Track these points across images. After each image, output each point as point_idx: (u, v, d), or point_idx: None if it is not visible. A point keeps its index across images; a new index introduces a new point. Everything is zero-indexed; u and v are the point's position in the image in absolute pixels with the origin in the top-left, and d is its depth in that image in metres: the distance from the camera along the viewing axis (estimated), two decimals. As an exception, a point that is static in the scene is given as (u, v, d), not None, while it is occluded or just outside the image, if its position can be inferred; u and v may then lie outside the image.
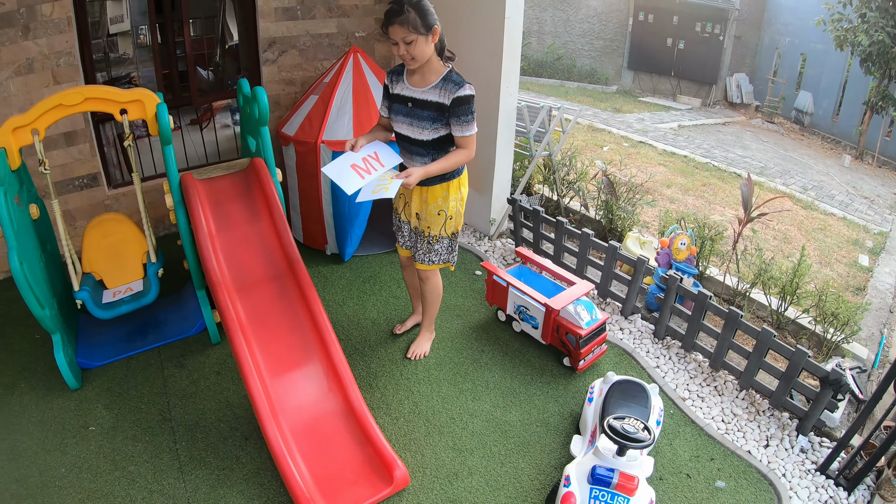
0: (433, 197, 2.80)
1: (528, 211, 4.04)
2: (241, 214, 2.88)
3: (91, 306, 3.16)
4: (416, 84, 2.66)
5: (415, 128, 2.67)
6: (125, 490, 2.57)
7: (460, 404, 2.91)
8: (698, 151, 8.81)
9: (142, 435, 2.85)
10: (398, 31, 2.47)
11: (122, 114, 2.96)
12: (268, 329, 2.62)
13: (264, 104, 3.00)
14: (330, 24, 4.80)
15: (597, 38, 14.54)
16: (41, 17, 4.08)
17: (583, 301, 3.12)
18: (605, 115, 10.72)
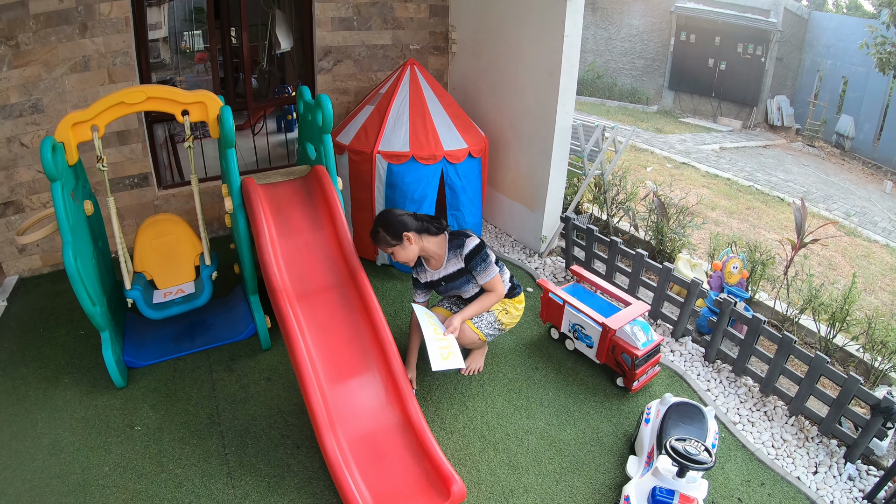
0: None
1: (581, 229, 3.99)
2: (302, 221, 2.86)
3: (142, 306, 3.15)
4: (435, 268, 2.95)
5: (461, 291, 2.97)
6: (171, 493, 2.54)
7: (515, 421, 2.86)
8: (741, 174, 8.72)
9: (189, 438, 2.82)
10: (381, 247, 2.85)
11: (183, 115, 2.95)
12: (328, 338, 2.59)
13: (329, 112, 2.98)
14: (385, 35, 4.83)
15: (638, 58, 14.49)
16: (99, 16, 4.14)
17: (639, 322, 3.07)
18: (647, 135, 10.66)
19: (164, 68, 6.38)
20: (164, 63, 6.35)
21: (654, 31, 14.15)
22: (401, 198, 3.81)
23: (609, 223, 4.70)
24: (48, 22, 4.07)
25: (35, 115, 4.22)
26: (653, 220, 4.46)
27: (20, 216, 4.35)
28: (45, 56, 4.13)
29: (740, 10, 12.89)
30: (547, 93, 3.98)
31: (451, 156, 3.85)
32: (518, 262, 4.30)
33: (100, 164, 2.97)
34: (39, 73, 4.17)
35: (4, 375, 3.40)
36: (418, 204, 3.83)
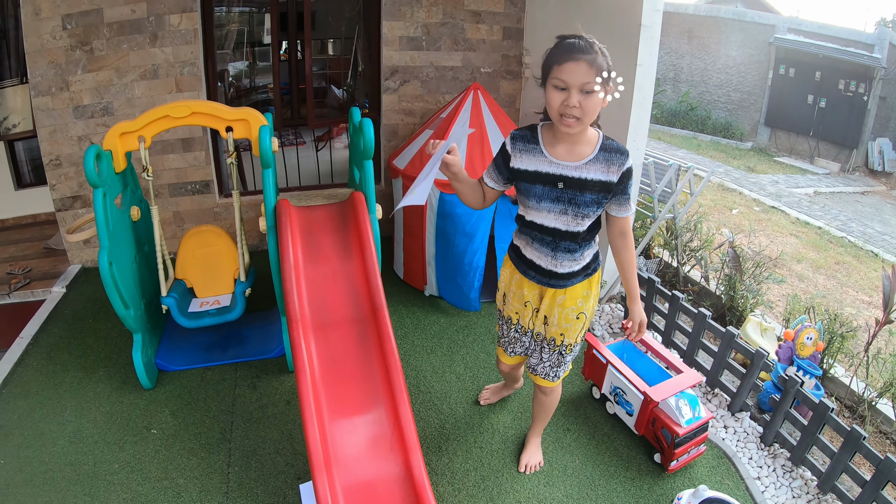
0: (572, 298, 2.24)
1: (642, 278, 3.69)
2: (332, 249, 2.73)
3: (175, 313, 3.14)
4: (563, 157, 2.02)
5: (570, 216, 2.05)
6: (169, 502, 2.52)
7: (530, 487, 2.61)
8: (834, 223, 8.07)
9: (198, 450, 2.80)
10: (583, 72, 1.84)
11: (227, 131, 2.93)
12: (339, 374, 2.44)
13: (370, 137, 2.85)
14: (455, 57, 4.68)
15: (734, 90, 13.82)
16: (169, 27, 4.23)
17: (687, 395, 2.73)
18: (737, 174, 10.09)
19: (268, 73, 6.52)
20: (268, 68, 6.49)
21: (752, 63, 13.44)
22: (452, 229, 3.63)
23: (679, 272, 4.37)
24: (121, 30, 4.20)
25: (105, 117, 4.35)
26: (726, 272, 4.11)
27: (86, 210, 4.50)
28: (117, 62, 4.25)
29: (843, 43, 12.04)
30: (617, 125, 3.72)
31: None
32: None
33: (145, 174, 3.00)
34: (111, 78, 4.30)
35: (48, 359, 3.55)
36: (470, 238, 3.63)
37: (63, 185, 4.45)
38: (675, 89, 14.30)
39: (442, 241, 3.68)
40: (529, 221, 2.14)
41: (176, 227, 3.92)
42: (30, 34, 4.19)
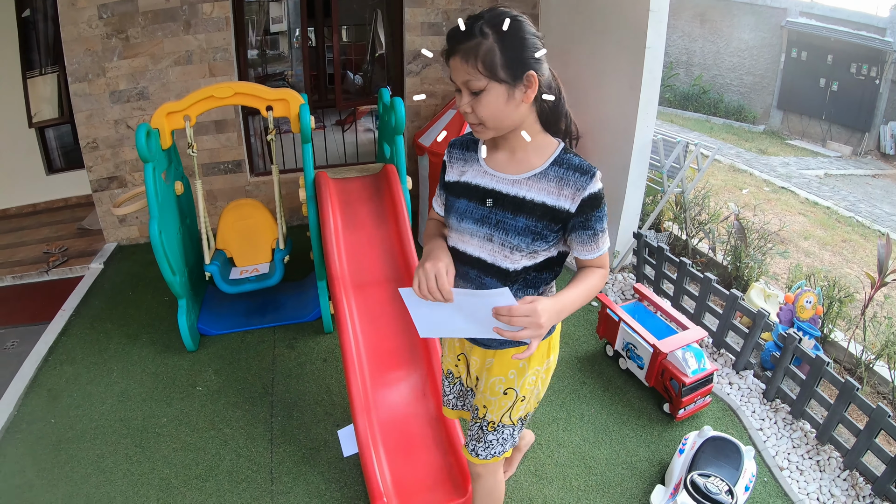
0: (500, 366, 1.75)
1: (652, 247, 3.97)
2: (368, 216, 3.04)
3: (218, 280, 3.46)
4: (501, 167, 1.57)
5: (496, 245, 1.55)
6: (216, 449, 2.83)
7: (551, 432, 2.92)
8: (843, 204, 8.27)
9: (242, 403, 3.11)
10: (458, 66, 1.41)
11: (267, 110, 3.23)
12: (377, 327, 2.75)
13: (401, 114, 3.15)
14: (474, 41, 4.96)
15: (747, 74, 13.96)
16: (202, 15, 4.53)
17: (693, 348, 3.02)
18: (748, 156, 10.30)
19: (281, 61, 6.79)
20: (281, 56, 6.76)
21: (765, 46, 13.56)
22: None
23: (688, 244, 4.65)
24: (155, 18, 4.51)
25: (141, 101, 4.66)
26: (732, 244, 4.38)
27: (122, 190, 4.82)
28: (152, 49, 4.56)
29: (855, 27, 12.15)
30: (627, 105, 3.98)
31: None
32: None
33: (190, 150, 3.31)
34: (146, 65, 4.61)
35: (91, 328, 3.88)
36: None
37: (100, 167, 4.77)
38: (688, 73, 14.41)
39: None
40: (452, 248, 1.64)
41: (209, 204, 4.26)
42: (66, 23, 4.48)
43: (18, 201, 6.98)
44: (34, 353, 3.83)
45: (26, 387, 3.47)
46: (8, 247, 5.80)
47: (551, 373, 1.83)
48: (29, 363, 3.71)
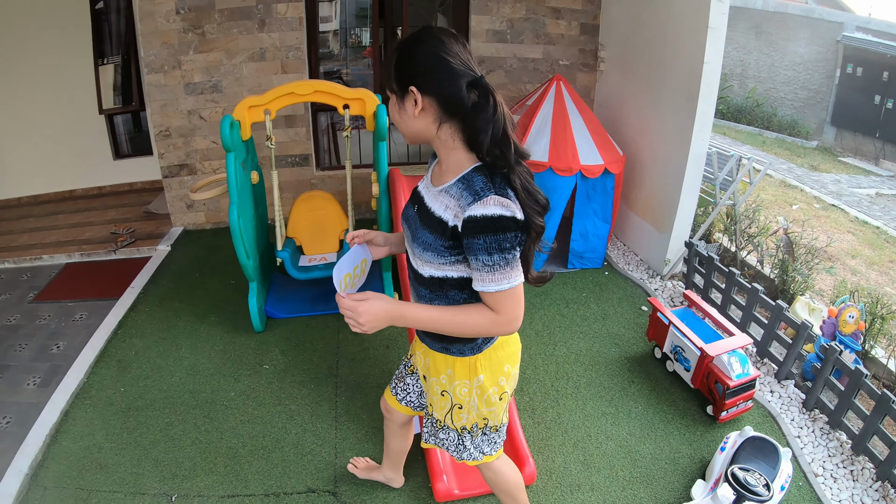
0: (435, 368, 1.88)
1: (702, 257, 4.12)
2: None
3: (289, 265, 3.72)
4: (434, 179, 1.68)
5: (410, 248, 1.73)
6: (283, 423, 3.07)
7: (600, 425, 3.10)
8: (892, 224, 8.25)
9: (308, 382, 3.35)
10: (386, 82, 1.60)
11: (344, 108, 3.47)
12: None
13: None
14: (536, 49, 5.17)
15: (801, 88, 13.88)
16: (276, 15, 4.81)
17: (738, 353, 3.18)
18: (799, 172, 10.30)
19: (333, 59, 7.05)
20: (333, 54, 7.02)
21: (820, 60, 13.45)
22: (534, 204, 4.17)
23: (737, 256, 4.79)
24: (231, 16, 4.80)
25: (214, 94, 4.95)
26: (780, 257, 4.52)
27: (192, 177, 5.14)
28: (227, 45, 4.86)
29: (911, 43, 12.06)
30: (684, 117, 4.12)
31: (587, 170, 4.15)
32: (639, 281, 4.48)
33: (268, 143, 3.56)
34: (221, 59, 4.90)
35: (159, 306, 4.17)
36: (549, 212, 4.13)
37: (171, 154, 5.09)
38: (742, 85, 14.34)
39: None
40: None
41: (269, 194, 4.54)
42: (144, 17, 4.80)
43: (85, 184, 7.39)
44: (104, 325, 4.13)
45: (96, 356, 3.76)
46: (76, 226, 6.18)
47: (490, 396, 1.82)
48: (99, 335, 4.01)
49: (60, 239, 5.88)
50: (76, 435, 3.12)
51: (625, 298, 4.19)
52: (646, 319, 3.99)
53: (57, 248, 5.67)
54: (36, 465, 2.95)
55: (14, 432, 3.28)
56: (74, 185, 7.42)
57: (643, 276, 4.58)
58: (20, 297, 4.97)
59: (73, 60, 6.82)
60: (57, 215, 6.78)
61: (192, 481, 2.79)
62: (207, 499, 2.69)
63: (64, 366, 3.79)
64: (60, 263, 5.50)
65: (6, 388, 3.72)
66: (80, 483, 2.82)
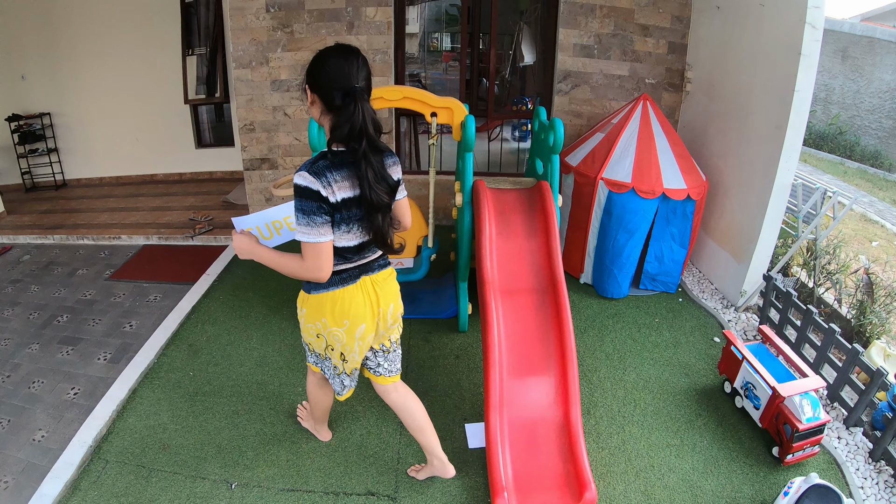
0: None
1: (780, 291, 4.06)
2: (520, 227, 3.32)
3: (365, 270, 3.83)
4: None
5: None
6: (348, 423, 3.17)
7: (663, 457, 3.09)
8: (979, 271, 7.96)
9: (376, 385, 3.44)
10: None
11: (432, 116, 3.53)
12: (519, 332, 3.02)
13: (560, 135, 3.39)
14: (623, 66, 5.15)
15: (886, 117, 13.37)
16: (365, 18, 4.93)
17: (810, 396, 3.12)
18: (881, 206, 9.93)
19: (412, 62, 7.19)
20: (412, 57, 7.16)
21: (907, 89, 13.01)
22: (615, 225, 4.19)
23: (814, 292, 4.70)
24: (320, 17, 4.94)
25: (300, 92, 5.11)
26: (858, 297, 4.42)
27: (272, 171, 5.31)
28: (315, 45, 5.01)
29: None
30: (771, 145, 4.06)
31: (670, 193, 4.14)
32: (713, 311, 4.43)
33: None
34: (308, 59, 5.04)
35: (234, 295, 4.35)
36: (630, 234, 4.18)
37: (254, 148, 5.27)
38: (826, 110, 13.92)
39: (604, 235, 4.26)
40: None
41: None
42: (234, 13, 4.99)
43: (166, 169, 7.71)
44: (178, 309, 4.33)
45: (168, 339, 3.97)
46: (156, 209, 6.46)
47: (306, 327, 2.41)
48: (172, 317, 4.22)
49: (140, 221, 6.16)
50: (142, 413, 3.30)
51: (697, 327, 4.16)
52: (717, 351, 3.95)
53: (136, 229, 5.94)
54: (100, 437, 3.13)
55: (80, 403, 3.50)
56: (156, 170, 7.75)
57: (717, 306, 4.52)
58: (97, 274, 5.24)
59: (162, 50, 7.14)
60: (138, 198, 7.10)
61: (253, 471, 2.90)
62: (267, 490, 2.79)
63: (135, 344, 4.02)
64: (138, 245, 5.76)
65: (77, 360, 3.95)
66: (141, 460, 2.97)
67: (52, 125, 8.09)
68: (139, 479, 2.85)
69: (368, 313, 2.34)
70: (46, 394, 3.63)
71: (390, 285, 2.47)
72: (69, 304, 4.75)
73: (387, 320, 2.47)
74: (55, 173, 8.14)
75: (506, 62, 6.90)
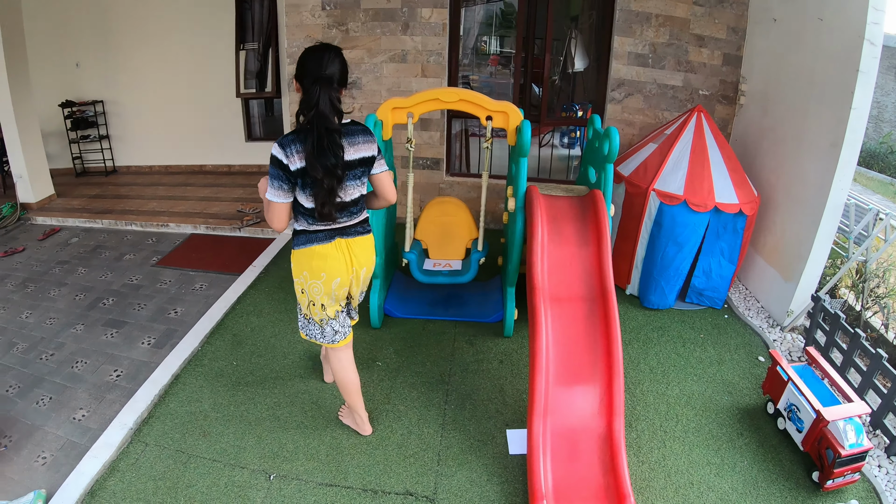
0: None
1: (828, 313, 4.00)
2: (572, 235, 3.32)
3: (414, 268, 3.87)
4: None
5: None
6: (389, 422, 3.20)
7: (703, 475, 3.07)
8: None
9: (419, 385, 3.48)
10: None
11: (487, 119, 3.56)
12: (566, 340, 3.02)
13: (615, 144, 3.39)
14: (677, 76, 5.12)
15: (939, 138, 13.10)
16: (420, 19, 4.97)
17: (854, 421, 3.07)
18: (931, 229, 9.72)
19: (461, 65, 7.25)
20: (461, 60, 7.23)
21: (962, 109, 12.68)
22: (665, 237, 4.18)
23: (861, 315, 4.64)
24: (375, 16, 5.01)
25: (353, 90, 5.18)
26: (907, 324, 4.36)
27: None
28: (369, 44, 5.08)
29: None
30: (825, 163, 3.99)
31: (722, 207, 4.11)
32: (758, 329, 4.37)
33: (408, 145, 3.71)
34: (362, 57, 5.12)
35: (279, 288, 4.44)
36: (680, 247, 4.16)
37: (304, 144, 5.36)
38: (877, 128, 13.63)
39: (653, 247, 4.24)
40: None
41: (402, 195, 4.68)
42: (290, 10, 5.08)
43: (216, 161, 7.88)
44: (223, 298, 4.43)
45: (213, 328, 4.06)
46: (204, 199, 6.60)
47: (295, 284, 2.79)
48: (218, 307, 4.31)
49: (188, 210, 6.30)
50: (184, 399, 3.38)
51: (742, 345, 4.12)
52: (761, 370, 3.92)
53: (184, 218, 6.09)
54: (141, 420, 3.22)
55: (123, 386, 3.61)
56: (205, 160, 7.92)
57: (763, 325, 4.46)
58: (144, 260, 5.39)
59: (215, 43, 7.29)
60: (186, 187, 7.26)
61: (293, 464, 2.95)
62: (305, 483, 2.84)
63: (179, 331, 4.13)
64: (186, 233, 5.90)
65: (121, 342, 4.08)
66: (181, 445, 3.05)
67: (104, 112, 8.31)
68: (177, 464, 2.93)
69: (343, 269, 2.69)
70: (89, 374, 3.75)
71: (366, 251, 2.80)
72: (115, 288, 4.91)
73: (360, 281, 2.84)
74: (105, 160, 8.35)
75: (556, 68, 6.91)
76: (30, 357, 3.98)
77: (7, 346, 4.15)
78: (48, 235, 6.17)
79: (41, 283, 5.10)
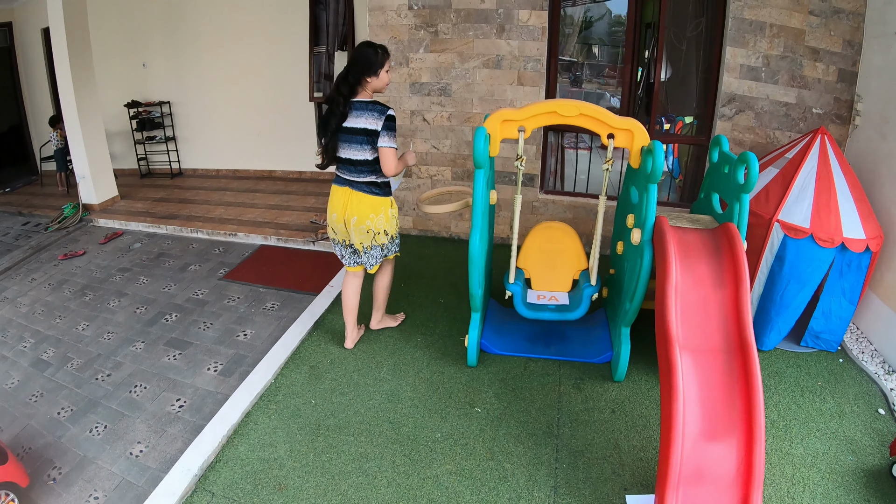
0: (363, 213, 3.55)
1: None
2: (706, 275, 2.94)
3: (518, 301, 3.53)
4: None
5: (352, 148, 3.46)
6: (495, 483, 2.82)
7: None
8: None
9: (525, 438, 3.10)
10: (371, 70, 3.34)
11: (609, 138, 3.20)
12: (703, 400, 2.65)
13: (755, 172, 2.98)
14: (790, 93, 4.67)
15: None
16: (517, 22, 4.65)
17: None
18: None
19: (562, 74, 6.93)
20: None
21: None
22: (788, 273, 3.76)
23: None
24: (468, 18, 4.71)
25: (441, 97, 4.90)
26: None
27: (404, 180, 5.13)
28: (461, 47, 4.78)
29: None
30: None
31: (849, 243, 3.69)
32: (874, 376, 3.93)
33: (518, 163, 3.35)
34: (452, 62, 4.83)
35: (361, 313, 4.05)
36: (802, 285, 3.75)
37: (383, 153, 5.13)
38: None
39: (772, 283, 3.81)
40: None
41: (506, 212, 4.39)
42: (374, 10, 4.84)
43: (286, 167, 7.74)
44: (299, 322, 4.14)
45: (288, 357, 3.74)
46: (274, 208, 6.42)
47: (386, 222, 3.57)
48: (293, 332, 4.01)
49: (257, 219, 6.13)
50: (255, 442, 3.07)
51: (861, 395, 3.68)
52: (882, 424, 3.49)
53: (253, 227, 5.90)
54: (206, 465, 2.92)
55: (185, 419, 3.32)
56: (275, 166, 7.78)
57: (878, 370, 4.00)
58: (210, 272, 5.19)
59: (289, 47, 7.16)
60: (255, 193, 7.11)
61: (385, 532, 2.60)
62: (402, 557, 2.49)
63: (249, 357, 3.85)
64: (255, 244, 5.71)
65: (184, 366, 3.81)
66: (253, 499, 2.74)
67: (171, 114, 8.28)
68: (250, 524, 2.62)
69: (339, 208, 3.49)
70: (148, 401, 3.51)
71: (361, 204, 3.44)
72: (179, 302, 4.70)
73: (349, 225, 3.50)
74: (171, 161, 8.32)
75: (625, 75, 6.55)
76: (85, 376, 3.79)
77: (62, 360, 3.97)
78: (110, 239, 6.08)
79: (100, 292, 4.94)
